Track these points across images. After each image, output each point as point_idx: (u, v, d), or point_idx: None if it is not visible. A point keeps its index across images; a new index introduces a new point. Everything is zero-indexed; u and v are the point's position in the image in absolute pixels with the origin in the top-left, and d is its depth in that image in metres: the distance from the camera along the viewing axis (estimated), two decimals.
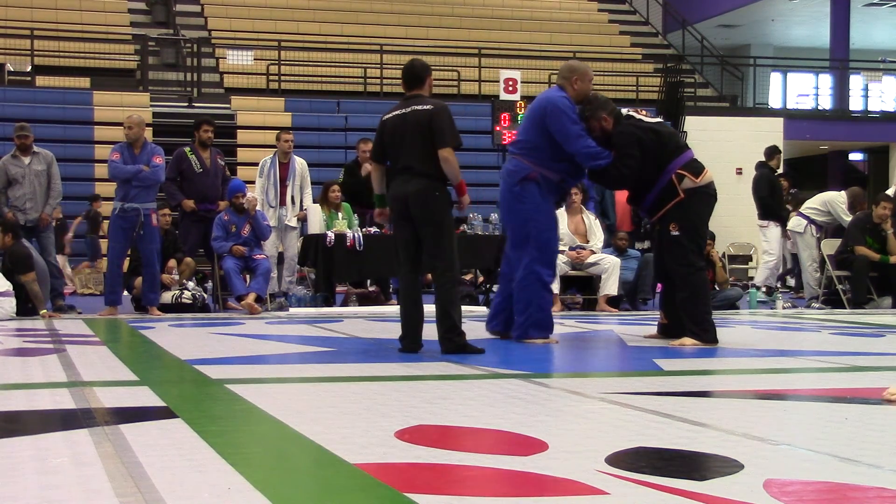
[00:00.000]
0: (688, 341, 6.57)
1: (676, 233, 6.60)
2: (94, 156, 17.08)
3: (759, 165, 12.83)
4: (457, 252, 6.27)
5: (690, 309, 6.64)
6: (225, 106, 18.81)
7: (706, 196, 6.70)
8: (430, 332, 6.20)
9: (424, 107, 6.12)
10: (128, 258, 9.82)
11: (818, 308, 11.12)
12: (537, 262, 6.72)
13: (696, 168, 6.67)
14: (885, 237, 10.92)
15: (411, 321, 6.18)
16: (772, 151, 12.89)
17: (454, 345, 6.01)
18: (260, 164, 11.13)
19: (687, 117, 20.45)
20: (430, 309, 6.25)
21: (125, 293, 9.95)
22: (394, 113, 6.25)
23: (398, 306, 6.38)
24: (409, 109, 6.16)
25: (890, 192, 11.92)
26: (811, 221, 11.61)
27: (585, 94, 6.80)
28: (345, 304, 10.92)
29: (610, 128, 6.69)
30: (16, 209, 9.74)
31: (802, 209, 11.77)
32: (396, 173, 6.22)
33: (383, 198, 6.40)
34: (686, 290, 6.64)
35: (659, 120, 7.04)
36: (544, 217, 6.76)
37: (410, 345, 6.15)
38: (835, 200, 11.62)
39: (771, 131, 20.39)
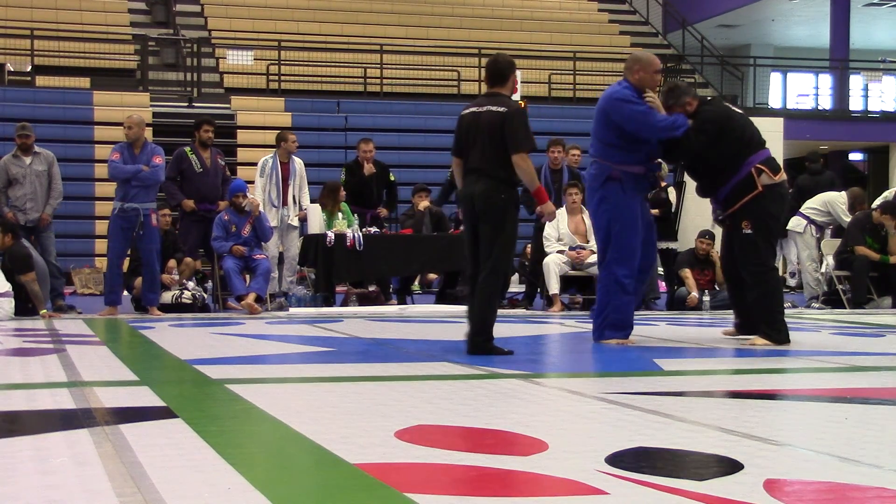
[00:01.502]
0: (759, 341, 6.57)
1: (749, 231, 6.58)
2: (94, 156, 17.06)
3: (819, 171, 12.91)
4: (510, 258, 6.18)
5: (763, 308, 6.63)
6: (225, 106, 18.80)
7: (780, 195, 6.73)
8: (430, 332, 6.19)
9: (498, 108, 6.01)
10: (128, 258, 9.82)
11: (818, 308, 11.12)
12: (615, 262, 6.67)
13: (775, 166, 6.68)
14: (886, 237, 10.91)
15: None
16: (818, 154, 13.02)
17: (479, 348, 5.94)
18: (259, 164, 11.10)
19: None
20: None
21: (125, 293, 9.95)
22: (470, 109, 6.19)
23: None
24: (483, 109, 6.07)
25: (890, 193, 11.92)
26: (811, 221, 11.61)
27: (648, 84, 6.71)
28: (345, 304, 10.91)
29: (693, 110, 6.69)
30: (16, 209, 9.74)
31: (802, 209, 11.77)
32: (467, 172, 6.17)
33: None
34: (758, 290, 6.63)
35: (741, 112, 7.06)
36: (626, 217, 6.67)
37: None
38: (835, 201, 11.61)
39: (771, 131, 20.25)
